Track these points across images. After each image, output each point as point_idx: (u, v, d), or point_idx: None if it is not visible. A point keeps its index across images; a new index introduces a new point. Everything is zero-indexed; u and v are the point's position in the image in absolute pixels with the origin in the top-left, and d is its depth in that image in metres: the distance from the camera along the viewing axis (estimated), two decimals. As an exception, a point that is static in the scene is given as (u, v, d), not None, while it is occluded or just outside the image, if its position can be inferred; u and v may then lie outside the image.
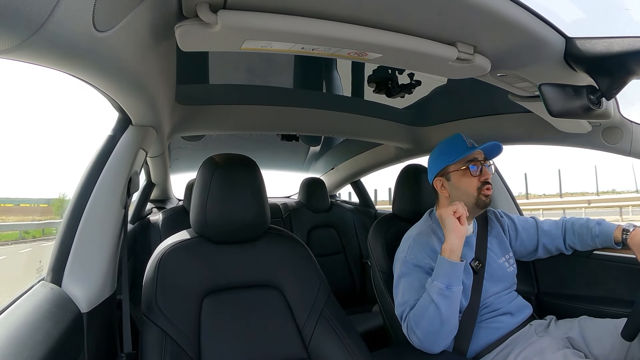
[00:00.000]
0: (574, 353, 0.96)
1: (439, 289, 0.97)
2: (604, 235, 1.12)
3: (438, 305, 0.97)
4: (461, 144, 1.13)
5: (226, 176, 0.93)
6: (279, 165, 2.95)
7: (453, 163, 1.13)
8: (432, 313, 0.97)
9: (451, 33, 0.74)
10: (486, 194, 1.10)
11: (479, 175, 1.11)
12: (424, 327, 0.98)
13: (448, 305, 0.97)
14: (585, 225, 1.17)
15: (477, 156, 1.13)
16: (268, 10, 0.63)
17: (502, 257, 1.18)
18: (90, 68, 0.58)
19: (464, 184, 1.12)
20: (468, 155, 1.12)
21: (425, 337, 0.98)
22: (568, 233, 1.20)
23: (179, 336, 0.82)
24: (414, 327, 1.00)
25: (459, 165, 1.13)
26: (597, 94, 0.80)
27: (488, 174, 1.12)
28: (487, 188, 1.11)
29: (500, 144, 1.14)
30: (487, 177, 1.12)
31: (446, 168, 1.15)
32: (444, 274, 0.99)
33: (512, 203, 1.69)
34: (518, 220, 1.26)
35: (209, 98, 1.42)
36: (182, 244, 0.92)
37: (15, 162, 2.68)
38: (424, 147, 1.85)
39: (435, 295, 0.97)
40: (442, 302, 0.97)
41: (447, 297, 0.97)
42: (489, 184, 1.11)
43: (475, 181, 1.11)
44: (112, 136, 0.90)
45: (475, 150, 1.12)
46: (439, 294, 0.97)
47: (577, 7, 0.85)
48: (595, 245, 1.15)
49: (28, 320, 0.62)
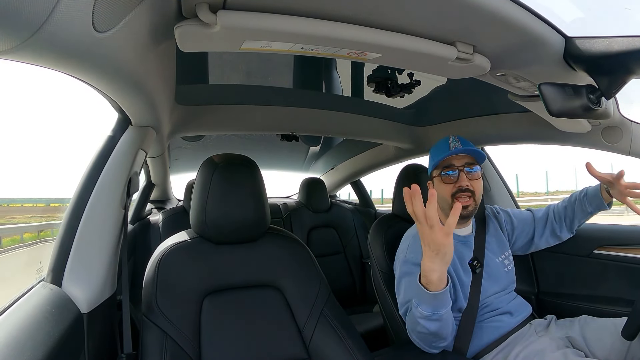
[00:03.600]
0: (574, 352, 0.96)
1: (424, 315, 0.89)
2: (591, 193, 1.15)
3: (427, 327, 0.91)
4: (444, 147, 1.11)
5: (226, 176, 0.93)
6: (278, 165, 2.96)
7: (434, 168, 1.13)
8: (420, 330, 0.93)
9: (450, 33, 0.74)
10: (463, 204, 1.03)
11: (453, 182, 1.08)
12: (418, 335, 0.97)
13: (437, 327, 0.91)
14: (574, 195, 1.20)
15: (455, 162, 1.09)
16: (267, 11, 0.63)
17: (500, 256, 1.18)
18: (89, 68, 0.58)
19: (440, 190, 1.10)
20: (444, 160, 1.10)
21: (422, 341, 0.98)
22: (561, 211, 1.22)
23: (179, 337, 0.82)
24: (411, 331, 1.00)
25: (438, 171, 1.12)
26: (597, 93, 0.81)
27: (463, 181, 1.06)
28: (464, 195, 1.05)
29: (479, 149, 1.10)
30: (461, 184, 1.06)
31: (432, 173, 1.16)
32: (427, 302, 0.88)
33: (510, 201, 1.69)
34: (513, 213, 1.27)
35: (208, 98, 1.42)
36: (182, 245, 0.92)
37: (20, 163, 2.69)
38: (424, 147, 1.85)
39: (422, 320, 0.90)
40: (430, 325, 0.90)
41: (435, 320, 0.89)
42: (464, 191, 1.06)
43: (449, 188, 1.08)
44: (111, 137, 0.90)
45: (452, 155, 1.08)
46: (425, 319, 0.90)
47: (577, 7, 0.85)
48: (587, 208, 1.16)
49: (28, 321, 0.62)
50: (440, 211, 1.12)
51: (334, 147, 2.51)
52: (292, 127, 1.70)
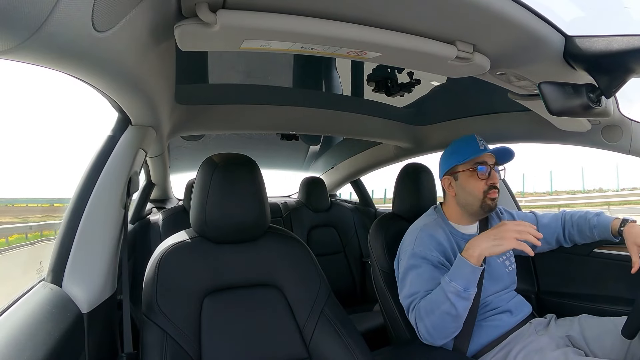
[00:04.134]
0: (574, 351, 0.96)
1: (457, 290, 0.94)
2: (602, 226, 1.12)
3: (455, 304, 0.94)
4: (473, 144, 1.13)
5: (226, 176, 0.93)
6: (278, 164, 2.96)
7: (462, 163, 1.14)
8: (446, 309, 0.95)
9: (450, 32, 0.74)
10: (492, 197, 1.10)
11: (486, 178, 1.11)
12: (434, 320, 0.97)
13: (464, 306, 0.96)
14: (584, 216, 1.17)
15: (487, 159, 1.13)
16: (267, 10, 0.63)
17: (501, 257, 1.18)
18: (89, 68, 0.58)
19: (471, 185, 1.12)
20: (477, 157, 1.12)
21: (434, 328, 0.98)
22: (567, 225, 1.20)
23: (180, 336, 0.82)
24: (424, 316, 0.99)
25: (467, 166, 1.13)
26: (597, 92, 0.81)
27: (496, 178, 1.12)
28: (493, 192, 1.11)
29: (512, 150, 1.13)
30: (495, 182, 1.11)
31: (455, 167, 1.16)
32: (463, 276, 0.95)
33: (511, 201, 1.69)
34: (517, 216, 1.27)
35: (208, 98, 1.42)
36: (182, 244, 0.92)
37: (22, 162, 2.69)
38: (424, 146, 1.85)
39: (452, 296, 0.94)
40: (459, 302, 0.94)
41: (464, 298, 0.95)
42: (495, 188, 1.11)
43: (482, 184, 1.11)
44: (111, 136, 0.90)
45: (485, 153, 1.11)
46: (456, 294, 0.94)
47: (577, 6, 0.85)
48: (593, 236, 1.15)
49: (29, 321, 0.62)
50: (468, 205, 1.14)
51: (334, 147, 2.51)
52: (292, 127, 1.70)
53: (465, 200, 1.13)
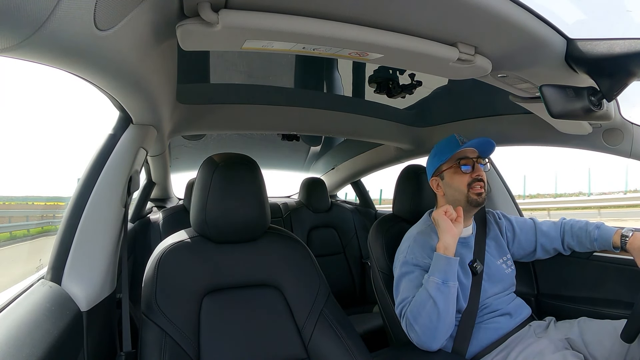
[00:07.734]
0: (573, 354, 0.96)
1: (436, 284, 0.99)
2: (603, 239, 1.11)
3: (435, 300, 0.97)
4: (453, 142, 1.15)
5: (226, 176, 0.93)
6: (279, 165, 2.96)
7: (445, 162, 1.15)
8: (429, 308, 0.97)
9: (452, 34, 0.74)
10: (476, 192, 1.11)
11: (470, 172, 1.12)
12: (421, 323, 0.98)
13: (445, 300, 0.98)
14: (584, 228, 1.16)
15: (469, 154, 1.14)
16: (269, 10, 0.63)
17: (500, 259, 1.18)
18: (91, 67, 0.58)
19: (456, 181, 1.13)
20: (458, 153, 1.13)
21: (424, 332, 0.98)
22: (567, 235, 1.20)
23: (179, 335, 0.82)
24: (412, 322, 1.00)
25: (450, 163, 1.14)
26: (598, 95, 0.80)
27: (479, 171, 1.13)
28: (478, 185, 1.11)
29: (492, 140, 1.13)
30: (479, 174, 1.12)
31: (440, 167, 1.17)
32: (440, 269, 1.00)
33: (511, 203, 1.69)
34: (516, 222, 1.26)
35: (209, 97, 1.42)
36: (182, 244, 0.92)
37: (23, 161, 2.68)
38: (425, 148, 1.85)
39: (433, 291, 0.98)
40: (439, 296, 0.97)
41: (444, 292, 0.98)
42: (480, 181, 1.12)
43: (465, 178, 1.12)
44: (112, 135, 0.90)
45: (465, 147, 1.13)
46: (436, 289, 0.98)
47: (579, 9, 0.85)
48: (593, 248, 1.15)
49: (28, 318, 0.62)
50: (456, 202, 1.14)
51: (335, 147, 2.51)
52: (293, 127, 1.70)
53: (453, 197, 1.14)
